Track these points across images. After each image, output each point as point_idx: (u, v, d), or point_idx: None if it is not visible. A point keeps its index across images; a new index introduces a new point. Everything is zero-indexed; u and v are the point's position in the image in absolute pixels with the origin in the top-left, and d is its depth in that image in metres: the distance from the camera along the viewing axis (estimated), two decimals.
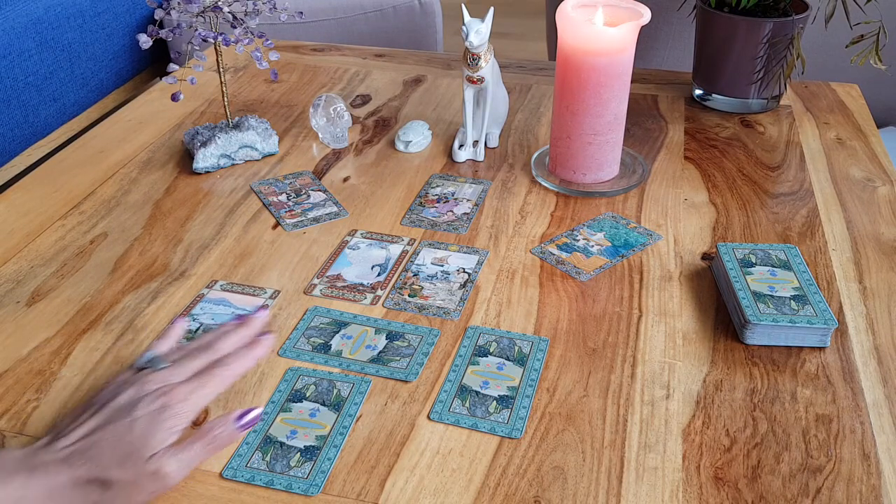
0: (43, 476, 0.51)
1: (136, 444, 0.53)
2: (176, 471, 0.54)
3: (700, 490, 0.58)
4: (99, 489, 0.52)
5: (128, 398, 0.55)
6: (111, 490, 0.52)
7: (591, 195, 0.92)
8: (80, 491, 0.51)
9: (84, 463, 0.52)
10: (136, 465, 0.52)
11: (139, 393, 0.55)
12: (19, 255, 0.83)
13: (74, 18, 1.52)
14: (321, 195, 0.93)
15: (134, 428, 0.53)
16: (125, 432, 0.53)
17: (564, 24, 0.86)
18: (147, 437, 0.53)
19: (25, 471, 0.51)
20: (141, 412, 0.54)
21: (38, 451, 0.53)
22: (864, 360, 0.69)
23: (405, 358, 0.69)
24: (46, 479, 0.51)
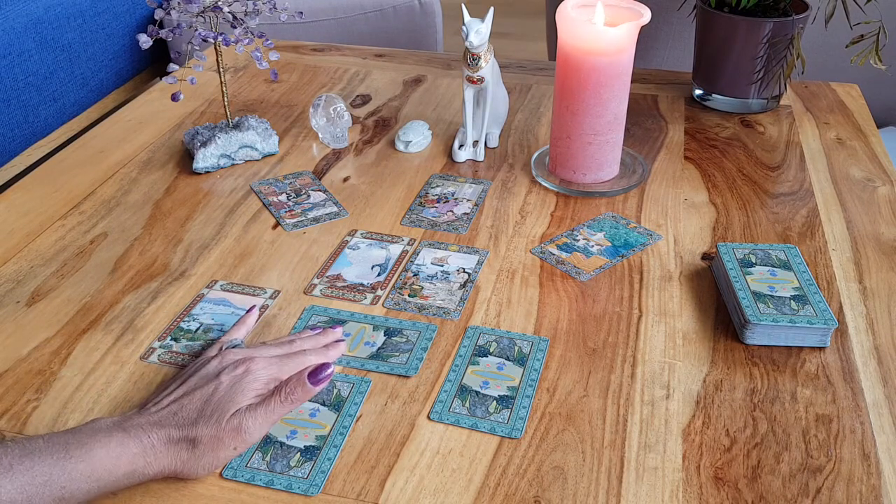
0: (138, 435, 0.56)
1: (219, 404, 0.59)
2: (255, 427, 0.59)
3: (700, 490, 0.58)
4: (188, 446, 0.57)
5: (213, 368, 0.62)
6: (199, 447, 0.57)
7: (591, 195, 0.92)
8: (172, 448, 0.56)
9: (174, 423, 0.57)
10: (219, 423, 0.58)
11: (223, 363, 0.62)
12: (19, 255, 0.83)
13: (74, 18, 1.52)
14: (321, 195, 0.93)
15: (218, 390, 0.59)
16: (210, 394, 0.59)
17: (564, 24, 0.86)
18: (229, 398, 0.59)
19: (121, 431, 0.56)
20: (224, 378, 0.60)
21: (131, 417, 0.58)
22: (864, 360, 0.69)
23: (404, 353, 0.69)
24: (141, 438, 0.56)
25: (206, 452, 0.57)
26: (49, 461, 0.52)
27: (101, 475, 0.53)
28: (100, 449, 0.54)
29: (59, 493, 0.51)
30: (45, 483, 0.51)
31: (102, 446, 0.54)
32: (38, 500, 0.51)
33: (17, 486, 0.50)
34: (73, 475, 0.52)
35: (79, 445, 0.53)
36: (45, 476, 0.51)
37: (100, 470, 0.53)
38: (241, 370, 0.61)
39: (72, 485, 0.52)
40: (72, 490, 0.52)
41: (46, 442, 0.53)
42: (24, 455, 0.51)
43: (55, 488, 0.51)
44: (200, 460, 0.57)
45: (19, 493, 0.50)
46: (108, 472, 0.54)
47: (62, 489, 0.51)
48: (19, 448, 0.52)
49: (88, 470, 0.53)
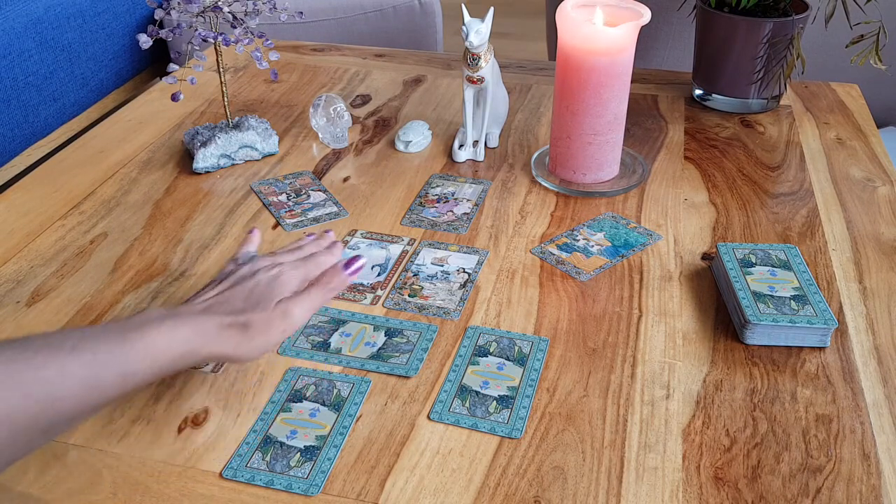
0: (189, 320, 0.58)
1: (263, 294, 0.62)
2: (300, 311, 0.62)
3: (700, 490, 0.58)
4: (240, 330, 0.59)
5: (247, 270, 0.65)
6: (250, 330, 0.60)
7: (591, 195, 0.92)
8: (224, 332, 0.59)
9: (223, 311, 0.60)
10: (266, 309, 0.61)
11: (255, 267, 0.65)
12: (19, 255, 0.83)
13: (74, 18, 1.52)
14: (321, 195, 0.93)
15: (259, 284, 0.63)
16: (252, 287, 0.63)
17: (564, 24, 0.86)
18: (271, 290, 0.63)
19: (173, 317, 0.58)
20: (261, 276, 0.64)
21: (179, 307, 0.61)
22: (864, 360, 0.69)
23: (405, 354, 0.69)
24: (193, 323, 0.58)
25: (257, 335, 0.60)
26: (109, 343, 0.54)
27: (158, 355, 0.55)
28: (154, 332, 0.56)
29: (122, 370, 0.54)
30: (107, 361, 0.53)
31: (156, 329, 0.56)
32: (103, 376, 0.53)
33: (82, 364, 0.52)
34: (131, 356, 0.54)
35: (134, 329, 0.56)
36: (106, 355, 0.53)
37: (155, 350, 0.55)
38: (275, 271, 0.64)
39: (132, 364, 0.54)
40: (133, 369, 0.54)
41: (103, 328, 0.56)
42: (84, 338, 0.54)
43: (117, 366, 0.54)
44: (252, 342, 0.60)
45: (85, 369, 0.52)
46: (164, 353, 0.56)
47: (123, 366, 0.54)
48: (79, 333, 0.54)
49: (145, 350, 0.55)
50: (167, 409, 0.65)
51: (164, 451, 0.61)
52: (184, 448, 0.61)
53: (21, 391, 0.49)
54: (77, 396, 0.52)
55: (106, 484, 0.58)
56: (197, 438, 0.62)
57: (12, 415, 0.48)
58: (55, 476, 0.59)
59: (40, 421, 0.50)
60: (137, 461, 0.60)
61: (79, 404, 0.52)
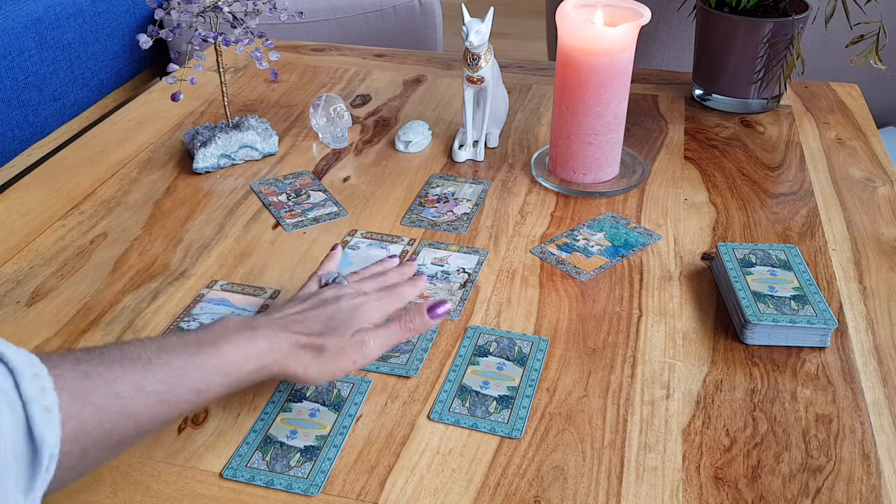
0: (266, 334, 0.59)
1: (343, 321, 0.62)
2: (376, 344, 0.62)
3: (700, 490, 0.58)
4: (313, 353, 0.60)
5: (331, 294, 0.65)
6: (324, 354, 0.60)
7: (591, 195, 0.92)
8: (298, 351, 0.59)
9: (300, 330, 0.60)
10: (343, 336, 0.61)
11: (339, 292, 0.65)
12: (19, 255, 0.83)
13: (74, 18, 1.52)
14: (321, 195, 0.93)
15: (341, 310, 0.63)
16: (334, 313, 0.63)
17: (564, 24, 0.86)
18: (352, 318, 0.63)
19: (249, 329, 0.58)
20: (344, 303, 0.64)
21: (257, 318, 0.61)
22: (864, 360, 0.69)
23: (405, 354, 0.69)
24: (269, 337, 0.59)
25: (329, 360, 0.60)
26: (183, 356, 0.54)
27: (232, 370, 0.56)
28: (229, 346, 0.56)
29: (196, 386, 0.54)
30: (182, 376, 0.53)
31: (231, 343, 0.56)
32: (178, 390, 0.53)
33: (158, 379, 0.52)
34: (205, 369, 0.55)
35: (209, 343, 0.56)
36: (181, 370, 0.53)
37: (230, 365, 0.56)
38: (358, 301, 0.64)
39: (206, 378, 0.55)
40: (207, 383, 0.55)
41: (179, 339, 0.56)
42: (160, 351, 0.54)
43: (191, 381, 0.54)
44: (323, 366, 0.60)
45: (160, 385, 0.52)
46: (238, 368, 0.56)
47: (198, 382, 0.54)
48: (155, 345, 0.54)
49: (220, 364, 0.55)
50: None
51: (164, 451, 0.61)
52: (184, 448, 0.61)
53: (96, 405, 0.49)
54: (151, 411, 0.52)
55: (106, 484, 0.58)
56: (197, 438, 0.62)
57: (86, 429, 0.48)
58: None
59: (113, 435, 0.50)
60: (137, 461, 0.60)
61: (152, 419, 0.52)
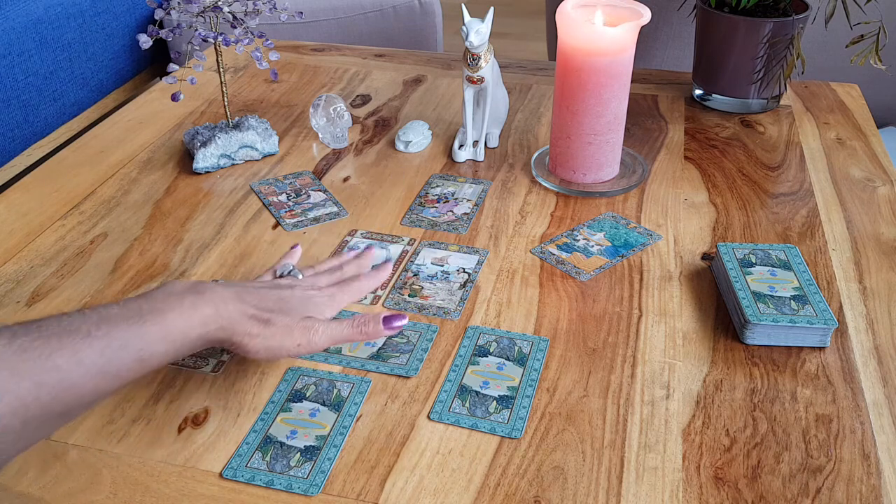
0: (213, 300, 0.58)
1: (295, 306, 0.62)
2: (324, 334, 0.62)
3: (700, 490, 0.58)
4: (260, 325, 0.59)
5: (286, 282, 0.65)
6: (270, 328, 0.60)
7: (591, 195, 0.92)
8: (245, 320, 0.59)
9: (251, 303, 0.60)
10: (292, 317, 0.61)
11: (293, 283, 0.66)
12: (19, 255, 0.83)
13: (74, 18, 1.52)
14: (321, 195, 0.93)
15: (294, 296, 0.63)
16: (288, 297, 0.63)
17: (564, 24, 0.86)
18: (304, 306, 0.63)
19: (195, 294, 0.57)
20: (298, 291, 0.64)
21: (205, 283, 0.60)
22: (864, 360, 0.69)
23: (405, 354, 0.69)
24: (216, 302, 0.58)
25: (274, 335, 0.59)
26: (124, 326, 0.53)
27: (176, 337, 0.55)
28: (172, 312, 0.56)
29: (138, 356, 0.53)
30: (123, 346, 0.53)
31: (174, 309, 0.56)
32: (117, 362, 0.52)
33: (96, 351, 0.51)
34: (148, 339, 0.54)
35: (152, 311, 0.55)
36: (121, 340, 0.53)
37: (174, 332, 0.55)
38: (312, 292, 0.65)
39: (148, 347, 0.54)
40: (149, 352, 0.54)
41: (121, 308, 0.55)
42: (100, 321, 0.53)
43: (133, 351, 0.53)
44: (268, 341, 0.59)
45: (100, 357, 0.52)
46: (183, 334, 0.56)
47: (140, 351, 0.53)
48: (96, 315, 0.53)
49: (163, 333, 0.55)
50: (167, 409, 0.65)
51: (164, 451, 0.61)
52: (184, 448, 0.61)
53: (33, 380, 0.48)
54: (92, 383, 0.51)
55: (106, 484, 0.58)
56: (197, 438, 0.62)
57: (25, 404, 0.48)
58: (55, 476, 0.59)
59: (54, 407, 0.50)
60: (137, 461, 0.60)
61: (94, 390, 0.52)
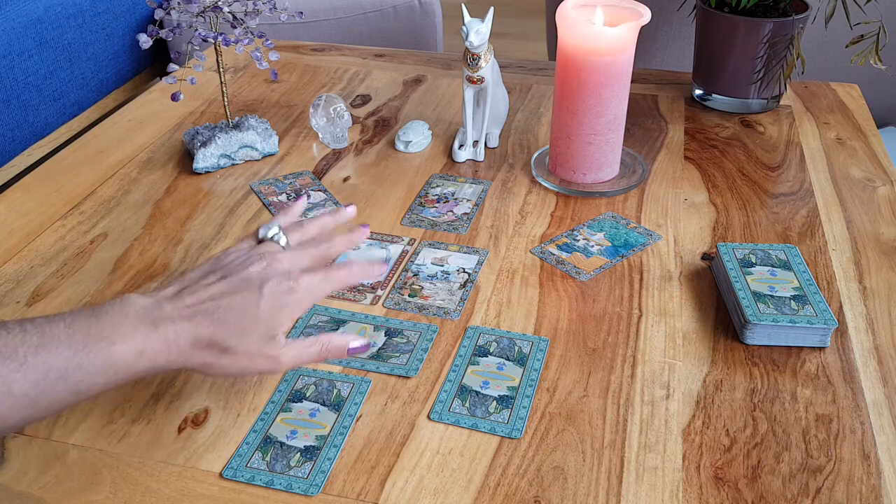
0: (166, 331, 0.53)
1: (259, 321, 0.56)
2: (289, 359, 0.57)
3: (700, 490, 0.58)
4: (216, 353, 0.55)
5: (258, 272, 0.57)
6: (227, 356, 0.55)
7: (591, 195, 0.92)
8: (198, 350, 0.54)
9: (208, 326, 0.54)
10: (255, 342, 0.55)
11: (268, 271, 0.57)
12: (19, 255, 0.83)
13: (74, 18, 1.52)
14: (321, 195, 0.93)
15: (260, 304, 0.56)
16: (251, 307, 0.56)
17: (564, 24, 0.86)
18: (271, 317, 0.56)
19: (148, 324, 0.53)
20: (268, 290, 0.56)
21: (162, 303, 0.55)
22: (864, 360, 0.69)
23: (405, 354, 0.69)
24: (168, 334, 0.53)
25: (234, 363, 0.55)
26: (66, 354, 0.49)
27: (119, 369, 0.51)
28: (121, 344, 0.51)
29: (75, 388, 0.50)
30: (61, 378, 0.49)
31: (125, 340, 0.52)
32: (51, 394, 0.49)
33: (30, 382, 0.48)
34: (89, 370, 0.50)
35: (100, 338, 0.51)
36: (60, 371, 0.49)
37: (119, 364, 0.51)
38: (286, 287, 0.57)
39: (88, 379, 0.50)
40: (88, 384, 0.50)
41: (68, 327, 0.50)
42: (40, 346, 0.49)
43: (71, 383, 0.49)
44: (225, 369, 0.56)
45: (32, 388, 0.48)
46: (127, 367, 0.52)
47: (78, 383, 0.50)
48: (38, 336, 0.49)
49: (106, 364, 0.51)
50: (167, 409, 0.65)
51: (164, 451, 0.61)
52: (184, 448, 0.61)
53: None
54: (20, 414, 0.48)
55: (106, 484, 0.58)
56: (197, 438, 0.62)
57: None
58: (55, 476, 0.59)
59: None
60: (137, 461, 0.60)
61: (21, 419, 0.49)
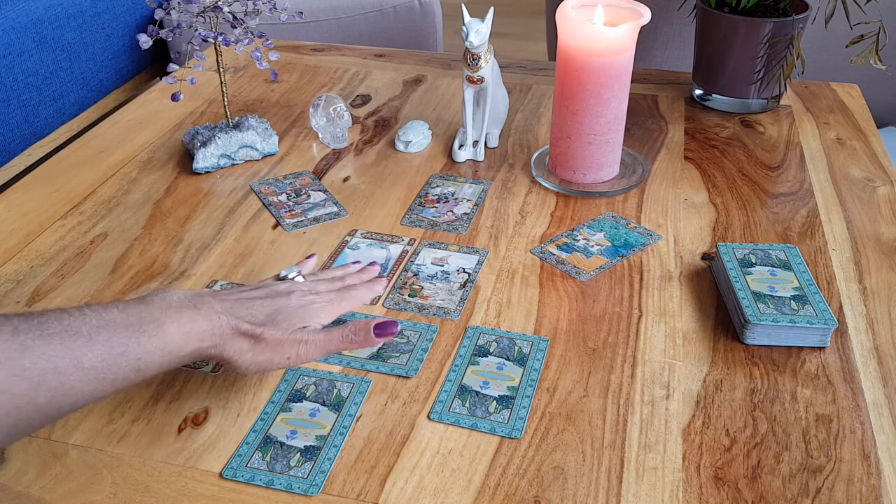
0: (209, 315, 0.58)
1: (288, 315, 0.62)
2: (315, 346, 0.61)
3: (700, 490, 0.58)
4: (250, 341, 0.59)
5: (283, 288, 0.66)
6: (260, 344, 0.60)
7: (591, 195, 0.92)
8: (237, 337, 0.59)
9: (243, 317, 0.60)
10: (284, 330, 0.61)
11: (291, 287, 0.66)
12: (19, 255, 0.83)
13: (74, 18, 1.52)
14: (321, 195, 0.93)
15: (289, 305, 0.63)
16: (281, 306, 0.63)
17: (564, 24, 0.86)
18: (298, 315, 0.63)
19: (192, 308, 0.58)
20: (294, 298, 0.64)
21: (203, 295, 0.60)
22: (864, 360, 0.69)
23: (405, 354, 0.69)
24: (211, 316, 0.58)
25: (264, 351, 0.60)
26: (125, 333, 0.53)
27: (172, 349, 0.56)
28: (171, 325, 0.56)
29: (136, 364, 0.54)
30: (122, 353, 0.53)
31: (173, 322, 0.56)
32: (116, 368, 0.53)
33: (97, 355, 0.52)
34: (147, 347, 0.54)
35: (151, 320, 0.55)
36: (122, 347, 0.53)
37: (171, 345, 0.56)
38: (309, 299, 0.65)
39: (146, 357, 0.54)
40: (147, 361, 0.54)
41: (121, 312, 0.55)
42: (101, 326, 0.53)
43: (131, 359, 0.53)
44: (257, 356, 0.59)
45: (100, 362, 0.52)
46: (178, 348, 0.56)
47: (138, 360, 0.54)
48: (96, 317, 0.53)
49: (161, 344, 0.55)
50: (167, 409, 0.65)
51: (164, 451, 0.61)
52: (184, 448, 0.61)
53: (32, 381, 0.48)
54: (89, 388, 0.51)
55: (106, 484, 0.58)
56: (197, 438, 0.62)
57: (19, 405, 0.48)
58: (55, 476, 0.59)
59: (48, 410, 0.50)
60: (137, 461, 0.60)
61: (89, 395, 0.52)
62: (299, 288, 0.66)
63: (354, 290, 0.69)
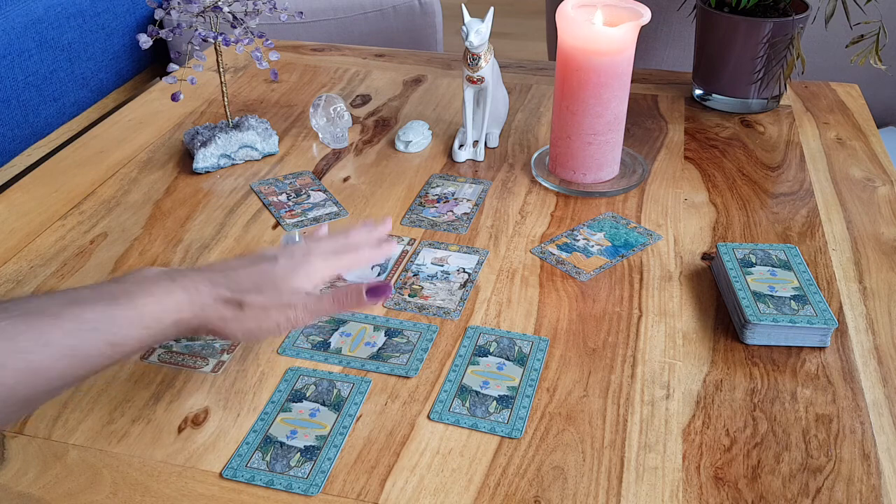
0: (185, 286, 0.56)
1: (275, 280, 0.59)
2: (305, 311, 0.59)
3: (700, 490, 0.58)
4: (234, 308, 0.57)
5: (271, 251, 0.62)
6: (246, 310, 0.57)
7: (591, 195, 0.92)
8: (219, 304, 0.57)
9: (225, 285, 0.57)
10: (271, 296, 0.58)
11: (280, 252, 0.62)
12: (19, 255, 0.83)
13: (74, 18, 1.52)
14: (321, 195, 0.93)
15: (275, 268, 0.60)
16: (267, 271, 0.59)
17: (564, 24, 0.86)
18: (285, 278, 0.59)
19: (168, 280, 0.56)
20: (283, 258, 0.61)
21: (182, 270, 0.58)
22: (864, 360, 0.69)
23: (405, 354, 0.69)
24: (188, 288, 0.56)
25: (250, 318, 0.57)
26: (96, 308, 0.52)
27: (150, 322, 0.53)
28: (145, 297, 0.54)
29: (110, 339, 0.52)
30: (94, 329, 0.51)
31: (149, 294, 0.54)
32: (87, 345, 0.51)
33: (65, 332, 0.50)
34: (121, 322, 0.52)
35: (124, 294, 0.53)
36: (92, 323, 0.51)
37: (147, 317, 0.53)
38: (299, 259, 0.61)
39: (121, 331, 0.52)
40: (122, 336, 0.52)
41: (92, 291, 0.53)
42: (69, 303, 0.51)
43: (105, 334, 0.51)
44: (243, 324, 0.57)
45: (68, 338, 0.50)
46: (157, 321, 0.54)
47: (112, 335, 0.52)
48: (65, 297, 0.52)
49: (136, 317, 0.53)
50: (167, 409, 0.65)
51: (164, 451, 0.61)
52: (184, 448, 0.61)
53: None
54: (59, 365, 0.49)
55: (106, 484, 0.58)
56: (197, 438, 0.62)
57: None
58: (55, 476, 0.59)
59: (18, 392, 0.48)
60: (137, 461, 0.60)
61: (61, 374, 0.50)
62: (289, 251, 0.62)
63: (358, 249, 0.65)
